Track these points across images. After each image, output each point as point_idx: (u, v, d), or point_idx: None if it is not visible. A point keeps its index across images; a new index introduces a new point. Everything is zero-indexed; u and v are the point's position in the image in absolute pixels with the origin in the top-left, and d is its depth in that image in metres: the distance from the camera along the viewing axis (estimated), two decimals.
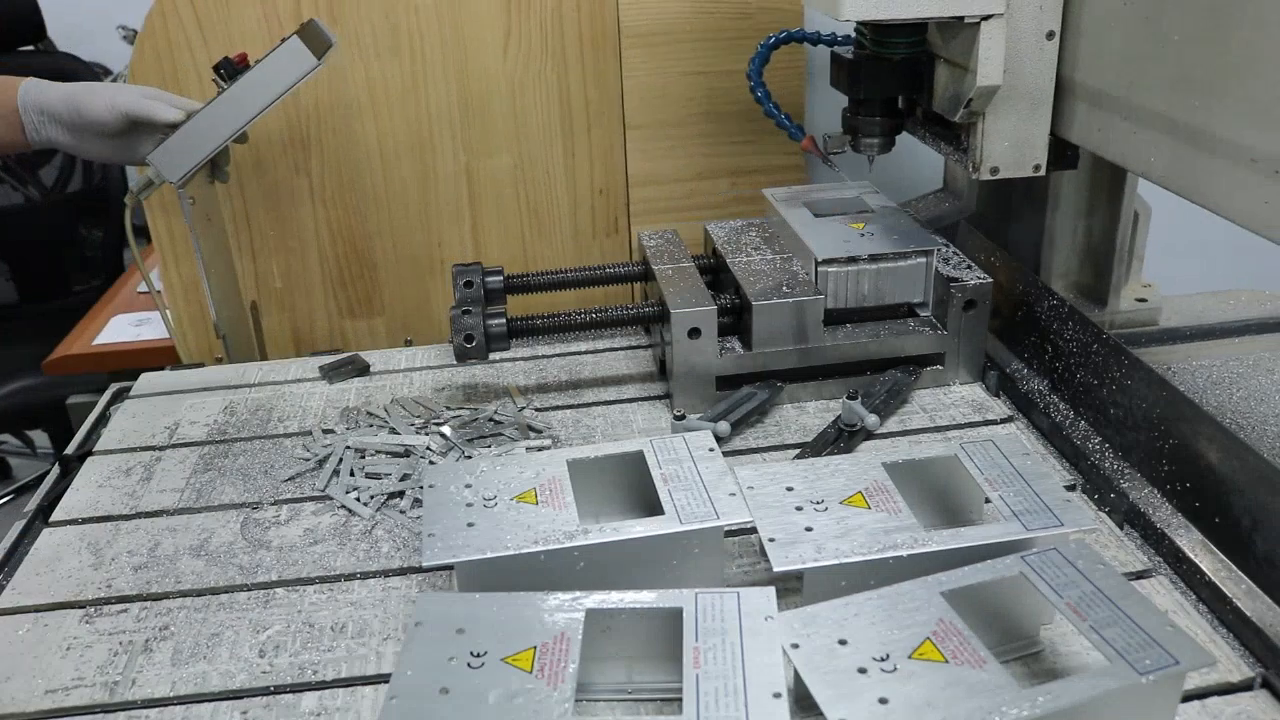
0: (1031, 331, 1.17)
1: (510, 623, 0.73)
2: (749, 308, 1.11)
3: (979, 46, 1.03)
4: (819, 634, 0.70)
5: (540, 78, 1.52)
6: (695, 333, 1.11)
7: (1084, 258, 1.25)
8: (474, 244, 1.60)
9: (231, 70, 1.23)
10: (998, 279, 1.19)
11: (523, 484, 0.87)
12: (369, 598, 0.89)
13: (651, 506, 0.85)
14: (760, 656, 0.69)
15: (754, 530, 0.83)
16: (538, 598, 0.75)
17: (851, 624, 0.71)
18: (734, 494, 0.84)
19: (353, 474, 1.05)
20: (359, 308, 1.62)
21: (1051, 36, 1.04)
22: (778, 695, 0.66)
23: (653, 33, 1.53)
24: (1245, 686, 0.76)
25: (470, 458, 1.06)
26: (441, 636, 0.72)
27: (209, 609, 0.89)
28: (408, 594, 0.90)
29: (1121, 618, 0.69)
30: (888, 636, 0.69)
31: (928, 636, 0.69)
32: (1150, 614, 0.70)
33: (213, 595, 0.91)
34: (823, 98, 1.55)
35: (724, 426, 1.06)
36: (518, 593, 0.76)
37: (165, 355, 1.58)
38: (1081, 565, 0.74)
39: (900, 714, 0.63)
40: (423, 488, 0.89)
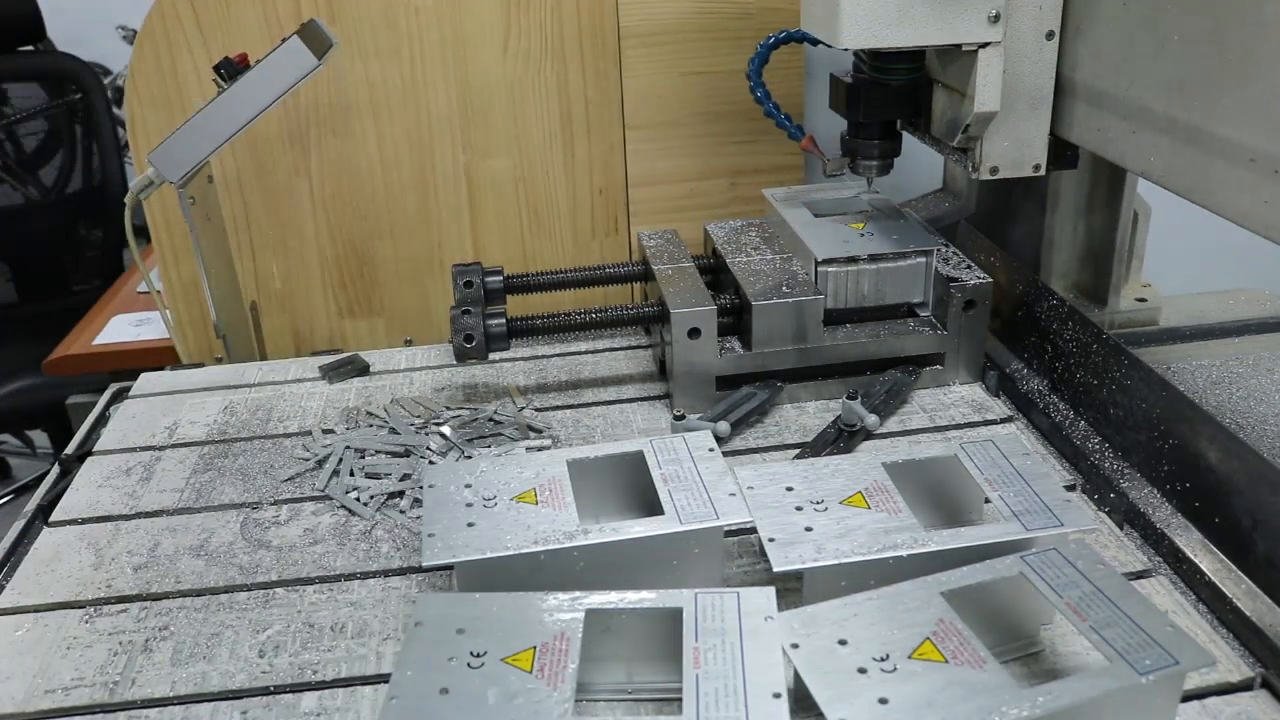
0: (1031, 331, 1.17)
1: (510, 623, 0.73)
2: (749, 308, 1.11)
3: (976, 73, 1.03)
4: (819, 634, 0.70)
5: (540, 78, 1.52)
6: (695, 333, 1.11)
7: (1084, 258, 1.25)
8: (473, 244, 1.60)
9: (232, 70, 1.23)
10: (998, 279, 1.19)
11: (523, 484, 0.87)
12: (369, 598, 0.89)
13: (651, 506, 0.85)
14: (760, 656, 0.69)
15: (754, 530, 0.83)
16: (538, 598, 0.75)
17: (851, 624, 0.71)
18: (734, 494, 0.84)
19: (353, 474, 1.05)
20: (359, 308, 1.62)
21: (1051, 36, 1.04)
22: (778, 695, 0.66)
23: (652, 33, 1.53)
24: (1245, 686, 0.76)
25: (470, 458, 1.06)
26: (441, 636, 0.72)
27: (209, 609, 0.89)
28: (408, 594, 0.90)
29: (1121, 618, 0.69)
30: (888, 636, 0.69)
31: (928, 636, 0.69)
32: (1150, 614, 0.70)
33: (213, 595, 0.91)
34: (822, 98, 1.55)
35: (724, 426, 1.06)
36: (518, 593, 0.76)
37: (165, 355, 1.58)
38: (1081, 565, 0.74)
39: (900, 714, 0.63)
40: (423, 488, 0.89)
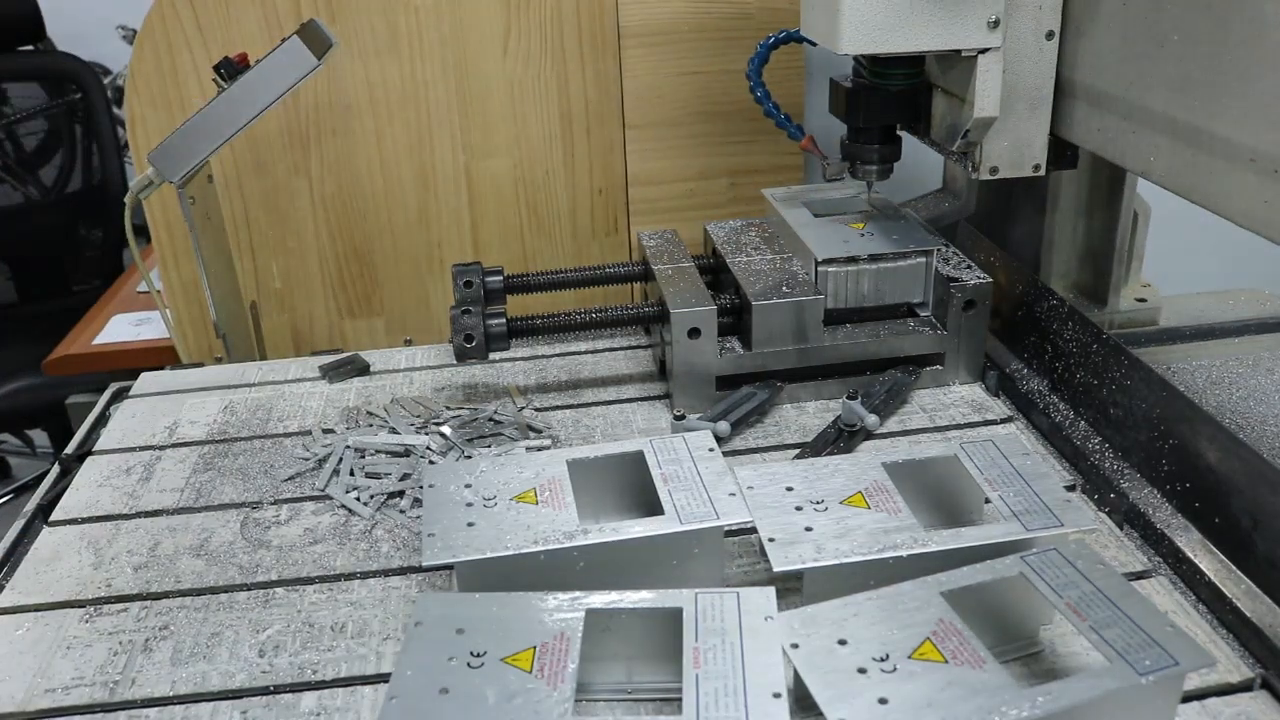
0: (1031, 331, 1.17)
1: (510, 623, 0.73)
2: (749, 308, 1.11)
3: (976, 79, 1.03)
4: (819, 634, 0.70)
5: (539, 78, 1.52)
6: (695, 333, 1.11)
7: (1084, 258, 1.25)
8: (473, 244, 1.60)
9: (232, 70, 1.23)
10: (998, 279, 1.19)
11: (522, 484, 0.87)
12: (369, 597, 0.89)
13: (651, 506, 0.85)
14: (760, 656, 0.69)
15: (754, 530, 0.83)
16: (537, 598, 0.75)
17: (851, 624, 0.71)
18: (734, 494, 0.84)
19: (353, 474, 1.05)
20: (358, 308, 1.62)
21: (1051, 36, 1.04)
22: (778, 695, 0.66)
23: (652, 33, 1.53)
24: (1245, 687, 0.76)
25: (470, 458, 1.06)
26: (441, 636, 0.72)
27: (209, 609, 0.89)
28: (408, 594, 0.90)
29: (1121, 618, 0.69)
30: (887, 636, 0.69)
31: (927, 636, 0.69)
32: (1150, 614, 0.70)
33: (212, 595, 0.91)
34: (822, 98, 1.55)
35: (724, 426, 1.06)
36: (518, 593, 0.76)
37: (165, 355, 1.58)
38: (1081, 565, 0.74)
39: (900, 714, 0.63)
40: (423, 487, 0.89)
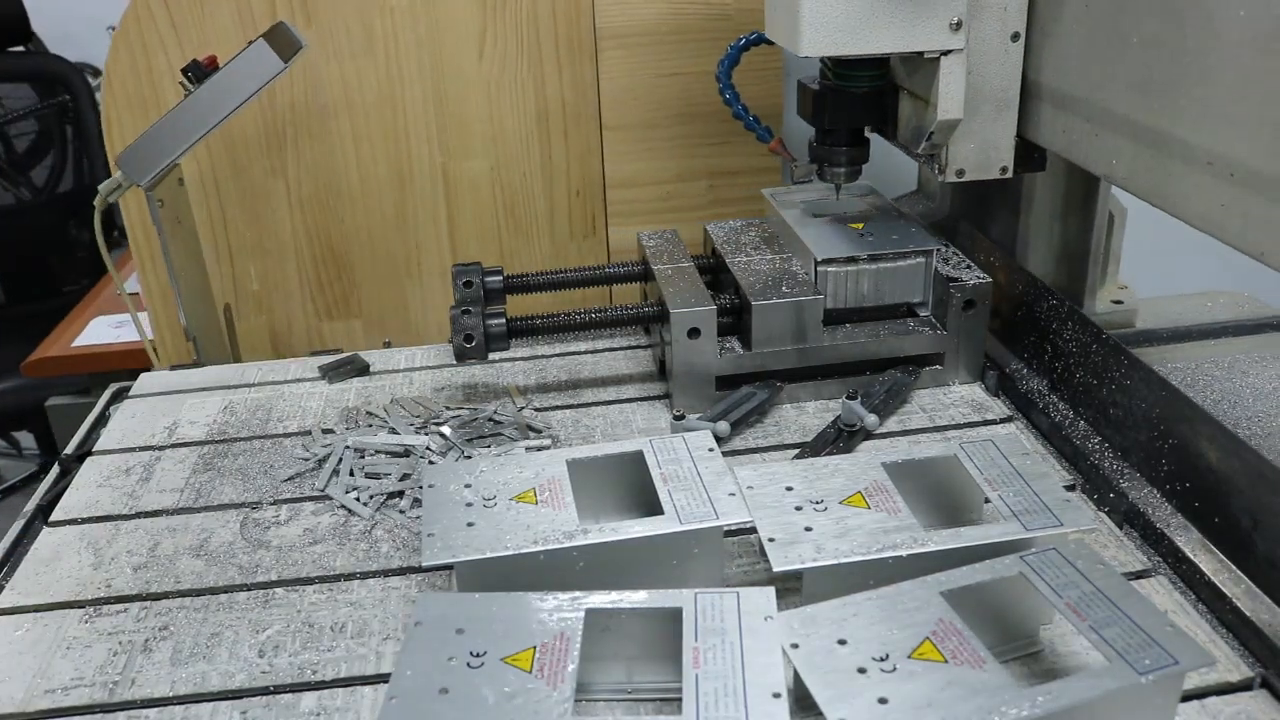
0: (1031, 331, 1.17)
1: (510, 622, 0.73)
2: (748, 308, 1.11)
3: (939, 81, 1.03)
4: (819, 634, 0.70)
5: (516, 79, 1.52)
6: (695, 333, 1.11)
7: (1059, 259, 1.24)
8: (451, 246, 1.60)
9: (200, 73, 1.23)
10: (997, 279, 1.19)
11: (522, 484, 0.87)
12: (369, 598, 0.89)
13: (651, 506, 0.85)
14: (760, 656, 0.69)
15: (754, 530, 0.83)
16: (537, 598, 0.75)
17: (851, 624, 0.71)
18: (733, 494, 0.84)
19: (352, 474, 1.05)
20: (336, 310, 1.62)
21: (1016, 38, 1.03)
22: (778, 695, 0.66)
23: (629, 34, 1.52)
24: (1245, 686, 0.76)
25: (470, 458, 1.06)
26: (441, 636, 0.72)
27: (208, 609, 0.89)
28: (407, 594, 0.90)
29: (1121, 618, 0.69)
30: (887, 636, 0.69)
31: (927, 636, 0.69)
32: (1150, 614, 0.70)
33: (212, 595, 0.91)
34: None
35: (724, 426, 1.06)
36: (518, 593, 0.76)
37: (144, 357, 1.57)
38: (1081, 565, 0.74)
39: (900, 714, 0.63)
40: (422, 488, 0.89)
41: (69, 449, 1.16)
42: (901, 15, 1.00)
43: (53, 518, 1.03)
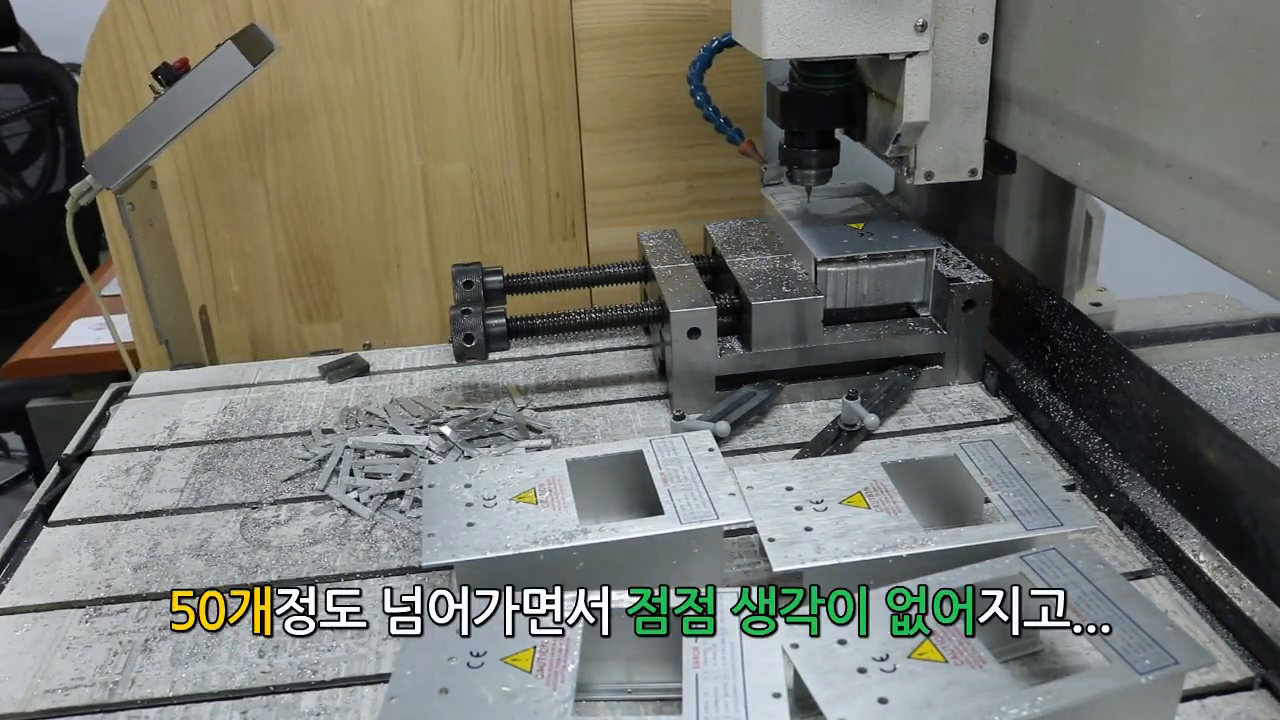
0: (1031, 331, 1.17)
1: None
2: (749, 308, 1.11)
3: (904, 83, 1.02)
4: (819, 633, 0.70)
5: (494, 81, 1.52)
6: (695, 333, 1.11)
7: (1037, 262, 1.23)
8: (431, 248, 1.59)
9: (170, 75, 1.22)
10: (997, 279, 1.19)
11: (522, 484, 0.87)
12: (369, 598, 0.89)
13: (651, 506, 0.85)
14: (760, 656, 0.69)
15: (754, 530, 0.83)
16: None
17: (851, 624, 0.71)
18: (733, 494, 0.84)
19: (352, 474, 1.05)
20: (316, 312, 1.61)
21: (985, 39, 1.03)
22: (778, 695, 0.66)
23: (607, 35, 1.52)
24: (1245, 686, 0.76)
25: (470, 458, 1.06)
26: (441, 636, 0.72)
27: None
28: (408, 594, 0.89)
29: (1121, 618, 0.69)
30: (887, 636, 0.69)
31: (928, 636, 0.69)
32: (1150, 614, 0.70)
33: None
34: None
35: (724, 426, 1.06)
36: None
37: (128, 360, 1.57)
38: (1081, 565, 0.74)
39: (900, 714, 0.63)
40: (422, 488, 0.89)
41: (69, 449, 1.16)
42: (866, 17, 0.99)
43: (53, 518, 1.03)
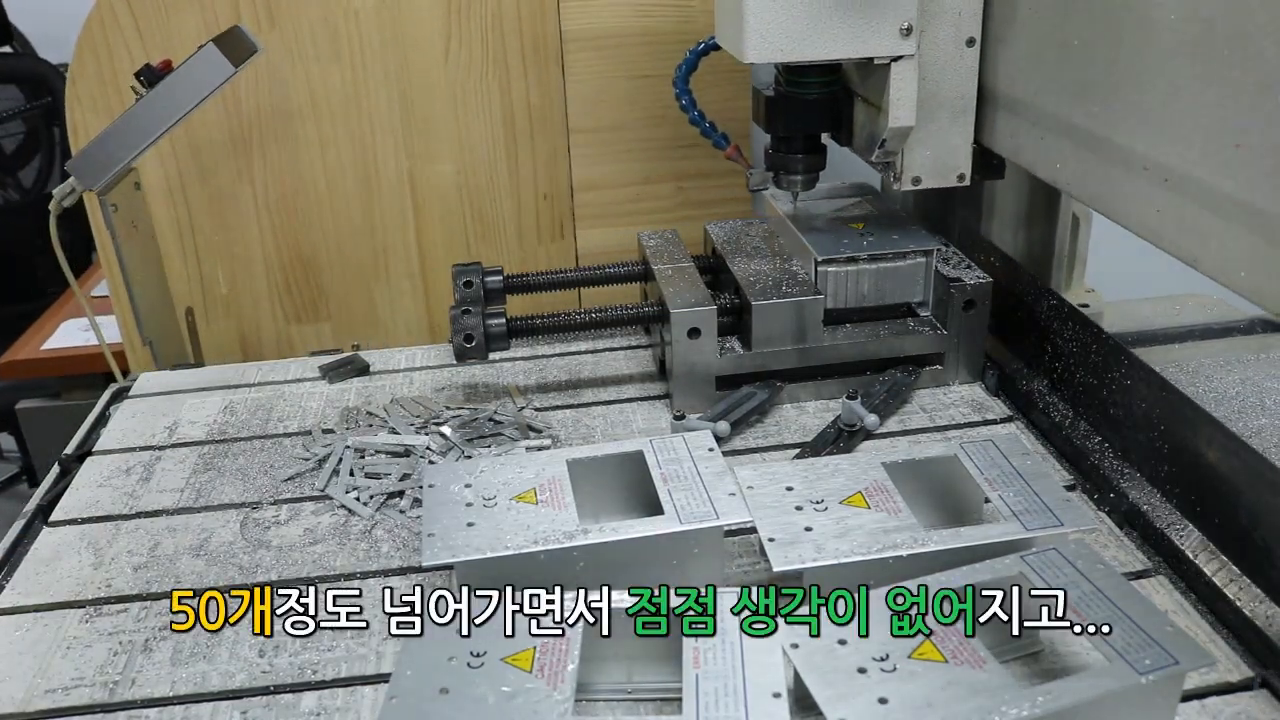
0: (1031, 331, 1.17)
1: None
2: (749, 308, 1.11)
3: (890, 88, 1.02)
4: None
5: (482, 83, 1.52)
6: (695, 333, 1.11)
7: (1024, 263, 1.23)
8: (419, 249, 1.59)
9: (153, 77, 1.22)
10: (998, 279, 1.19)
11: (522, 484, 0.87)
12: (369, 598, 0.89)
13: (651, 506, 0.85)
14: (760, 656, 0.69)
15: (754, 530, 0.83)
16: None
17: (851, 623, 0.71)
18: (734, 494, 0.84)
19: (352, 474, 1.05)
20: (305, 313, 1.62)
21: (972, 44, 1.02)
22: (778, 695, 0.66)
23: (595, 37, 1.52)
24: (1245, 686, 0.76)
25: (470, 458, 1.06)
26: (442, 636, 0.72)
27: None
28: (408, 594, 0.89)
29: (1121, 618, 0.69)
30: (888, 636, 0.69)
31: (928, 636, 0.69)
32: (1150, 614, 0.70)
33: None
34: None
35: (724, 426, 1.06)
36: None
37: (117, 362, 1.56)
38: (1081, 565, 0.74)
39: (900, 714, 0.63)
40: (422, 487, 0.89)
41: (69, 449, 1.16)
42: (850, 20, 0.98)
43: (53, 518, 1.03)
